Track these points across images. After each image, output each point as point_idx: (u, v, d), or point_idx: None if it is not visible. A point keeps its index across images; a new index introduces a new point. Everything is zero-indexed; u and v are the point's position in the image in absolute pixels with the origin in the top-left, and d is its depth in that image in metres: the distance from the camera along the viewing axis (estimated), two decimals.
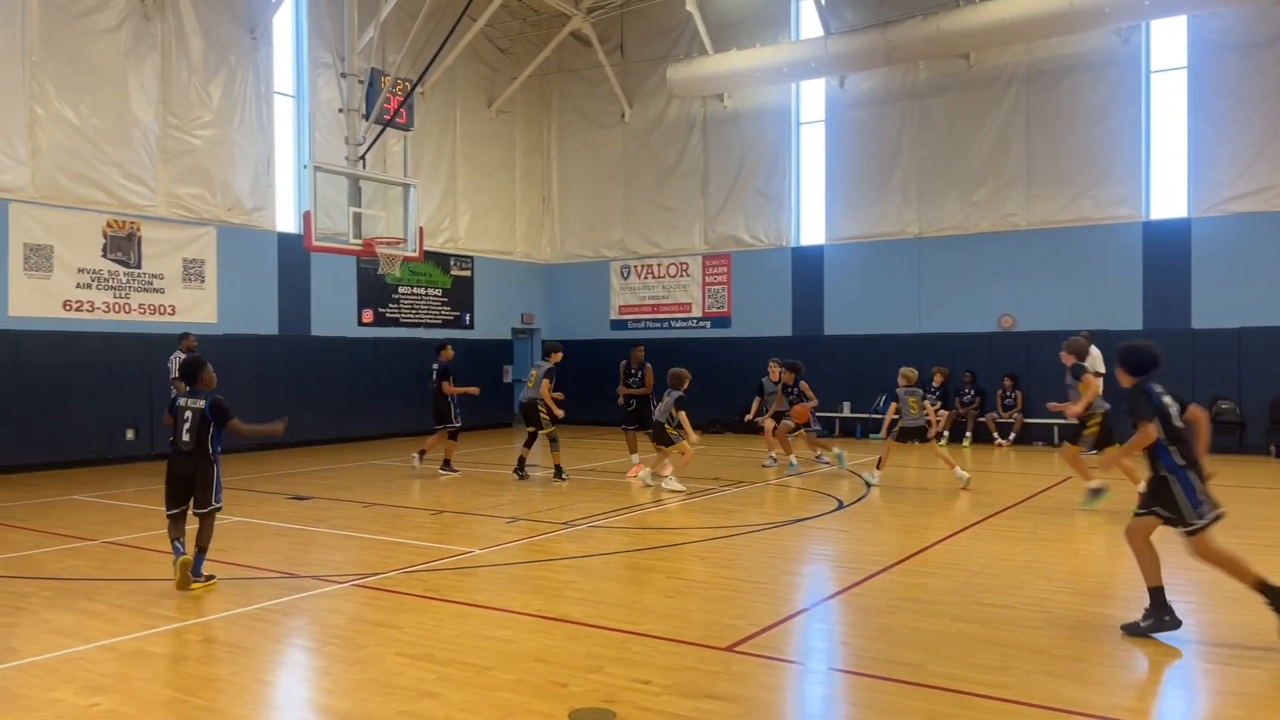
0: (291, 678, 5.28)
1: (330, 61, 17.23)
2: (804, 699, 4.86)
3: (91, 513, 10.22)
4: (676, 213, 21.19)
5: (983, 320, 17.69)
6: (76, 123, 14.31)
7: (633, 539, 8.63)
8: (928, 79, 18.22)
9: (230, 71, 16.28)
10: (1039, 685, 4.72)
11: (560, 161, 22.84)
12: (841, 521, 9.55)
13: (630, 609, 6.18)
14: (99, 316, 14.57)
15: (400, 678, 4.87)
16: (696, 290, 21.02)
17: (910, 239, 18.42)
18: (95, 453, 14.42)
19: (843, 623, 6.13)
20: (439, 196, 20.15)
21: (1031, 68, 17.22)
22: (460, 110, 20.62)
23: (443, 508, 10.36)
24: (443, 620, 5.93)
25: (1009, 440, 16.88)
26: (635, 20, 21.27)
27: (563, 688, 4.71)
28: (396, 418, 18.96)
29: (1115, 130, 16.58)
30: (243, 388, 16.05)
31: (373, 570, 7.33)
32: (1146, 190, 16.53)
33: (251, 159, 16.63)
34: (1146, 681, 5.06)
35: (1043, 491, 11.46)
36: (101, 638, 5.59)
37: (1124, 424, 6.44)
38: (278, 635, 5.81)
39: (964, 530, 8.85)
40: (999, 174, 17.55)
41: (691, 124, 20.91)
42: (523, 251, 22.49)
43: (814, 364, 19.21)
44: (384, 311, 19.11)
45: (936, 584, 6.80)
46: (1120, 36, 16.43)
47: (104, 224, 14.65)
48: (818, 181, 19.64)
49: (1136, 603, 6.51)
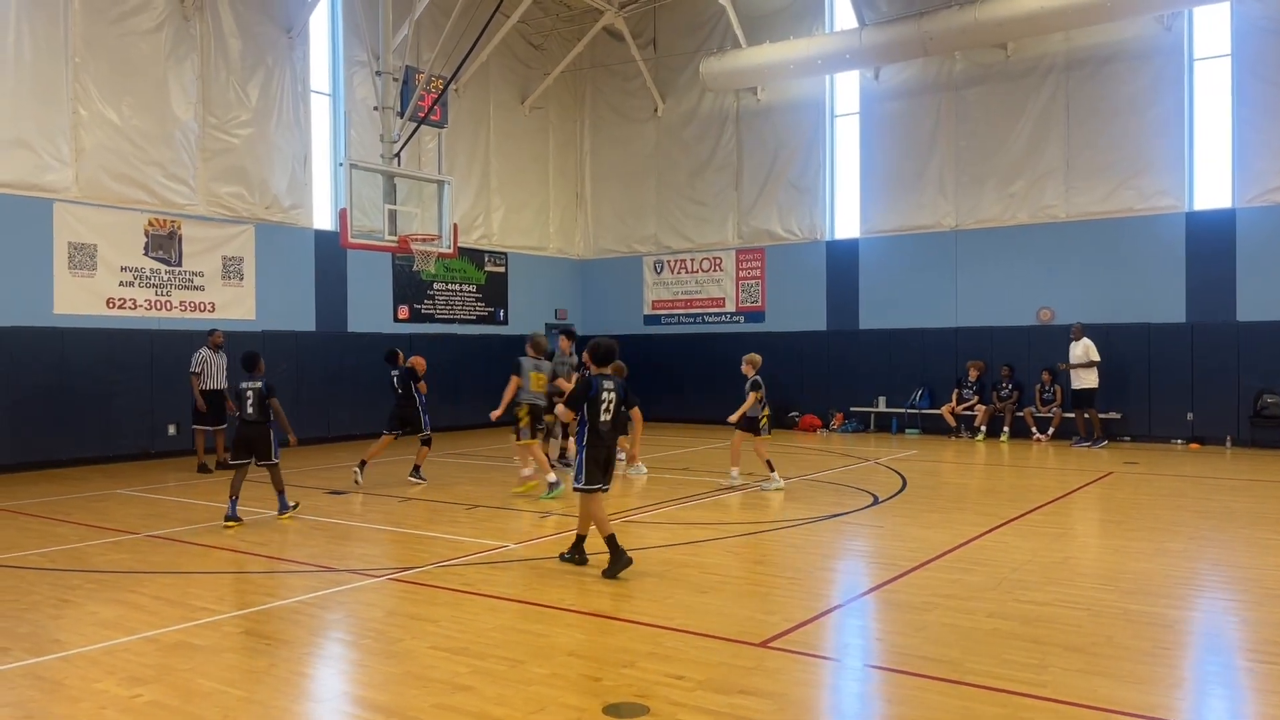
0: (329, 670, 5.35)
1: (366, 60, 17.36)
2: (839, 695, 4.84)
3: (134, 506, 10.42)
4: (709, 207, 21.13)
5: (1021, 313, 17.46)
6: (118, 123, 14.56)
7: (665, 534, 8.63)
8: (964, 69, 18.00)
9: (268, 71, 16.48)
10: (1077, 683, 4.66)
11: (593, 157, 22.87)
12: (876, 517, 9.48)
13: (663, 604, 6.19)
14: (141, 314, 14.83)
15: (435, 671, 4.91)
16: (730, 285, 20.96)
17: (946, 231, 18.22)
18: (138, 448, 14.69)
19: (878, 619, 6.09)
20: (473, 193, 20.25)
21: (1071, 57, 16.94)
22: (494, 107, 20.71)
23: (477, 503, 10.43)
24: (477, 614, 5.97)
25: (1048, 435, 16.66)
26: (668, 14, 21.22)
27: (596, 682, 4.72)
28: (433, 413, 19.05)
29: (1157, 120, 16.26)
30: (280, 383, 16.23)
31: (408, 564, 7.41)
32: (1190, 180, 16.20)
33: (288, 157, 16.82)
34: (1188, 680, 4.97)
35: (1082, 487, 11.30)
36: (144, 629, 5.69)
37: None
38: (315, 628, 5.88)
39: (1001, 526, 8.76)
40: (1037, 165, 17.30)
41: (724, 118, 20.83)
42: (556, 247, 22.55)
43: (849, 359, 19.16)
44: (419, 308, 19.26)
45: (973, 580, 6.73)
46: (1162, 24, 16.11)
47: (145, 223, 14.90)
48: (852, 174, 19.48)
49: (1177, 599, 6.42)
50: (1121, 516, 9.44)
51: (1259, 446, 15.02)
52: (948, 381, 17.88)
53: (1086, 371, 15.78)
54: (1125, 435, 16.35)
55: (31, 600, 6.42)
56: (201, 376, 13.33)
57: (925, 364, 18.27)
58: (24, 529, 9.14)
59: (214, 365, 13.45)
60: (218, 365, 13.49)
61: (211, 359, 13.43)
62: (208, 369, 13.38)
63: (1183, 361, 15.99)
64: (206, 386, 13.32)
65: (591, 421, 7.03)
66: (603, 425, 7.09)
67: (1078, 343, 15.94)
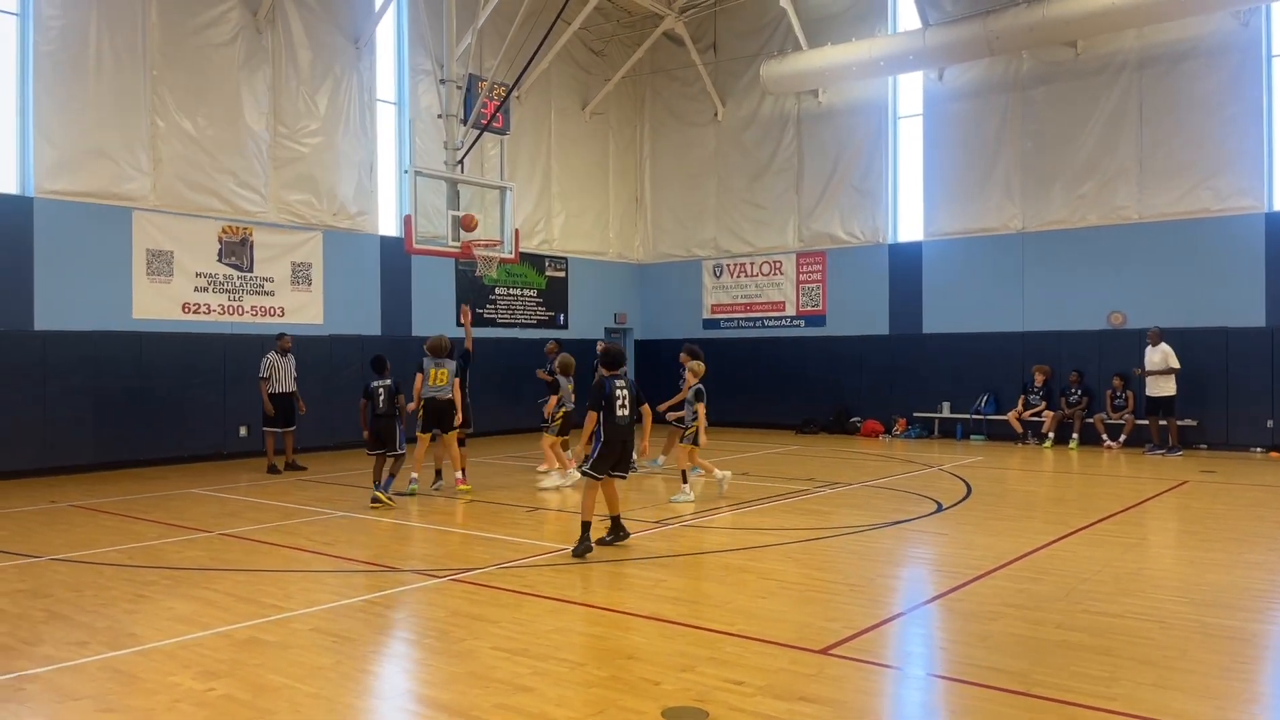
0: (393, 668, 5.44)
1: (430, 69, 17.67)
2: (901, 704, 4.77)
3: (208, 505, 10.73)
4: (769, 211, 21.02)
5: (1091, 318, 17.02)
6: (194, 133, 15.02)
7: (725, 539, 8.60)
8: (1031, 69, 17.63)
9: (336, 81, 16.86)
10: (1149, 697, 4.53)
11: (653, 161, 22.91)
12: (940, 524, 9.33)
13: (723, 609, 6.17)
14: (215, 318, 15.27)
15: (497, 671, 4.97)
16: (790, 289, 20.82)
17: (1013, 234, 17.86)
18: (211, 448, 15.12)
19: (941, 628, 5.99)
20: (534, 198, 20.45)
21: (1143, 54, 16.49)
22: (555, 113, 20.89)
23: (537, 505, 10.52)
24: (538, 616, 6.02)
25: (1119, 442, 16.21)
26: (728, 18, 21.18)
27: (655, 685, 4.73)
28: (494, 416, 19.31)
29: (1234, 118, 15.74)
30: (347, 386, 16.62)
31: (470, 565, 7.50)
32: (1269, 180, 15.64)
33: (355, 165, 17.18)
34: (1265, 696, 4.80)
35: (1155, 496, 10.97)
36: (217, 625, 5.86)
37: None
38: (380, 626, 5.99)
39: (1070, 535, 8.55)
40: (1108, 166, 16.86)
41: (785, 121, 20.71)
42: (616, 252, 22.65)
43: (912, 363, 18.90)
44: (482, 312, 19.50)
45: (1041, 590, 6.58)
46: (1239, 19, 15.58)
47: (219, 230, 15.34)
48: (915, 177, 19.21)
49: (1256, 612, 6.20)
50: (1197, 526, 9.14)
51: None
52: (1014, 387, 17.52)
53: (1164, 378, 15.24)
54: (1202, 443, 15.84)
55: (110, 596, 6.65)
56: (270, 381, 13.59)
57: (991, 369, 17.92)
58: (103, 526, 9.47)
59: (282, 369, 13.70)
60: (285, 369, 13.74)
61: (279, 363, 13.68)
62: (276, 373, 13.64)
63: (1262, 367, 15.43)
64: (275, 390, 13.59)
65: (607, 417, 7.74)
66: (619, 419, 7.82)
67: (1155, 348, 15.37)
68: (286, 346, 13.75)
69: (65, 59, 13.66)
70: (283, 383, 13.68)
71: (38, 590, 6.82)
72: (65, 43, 13.67)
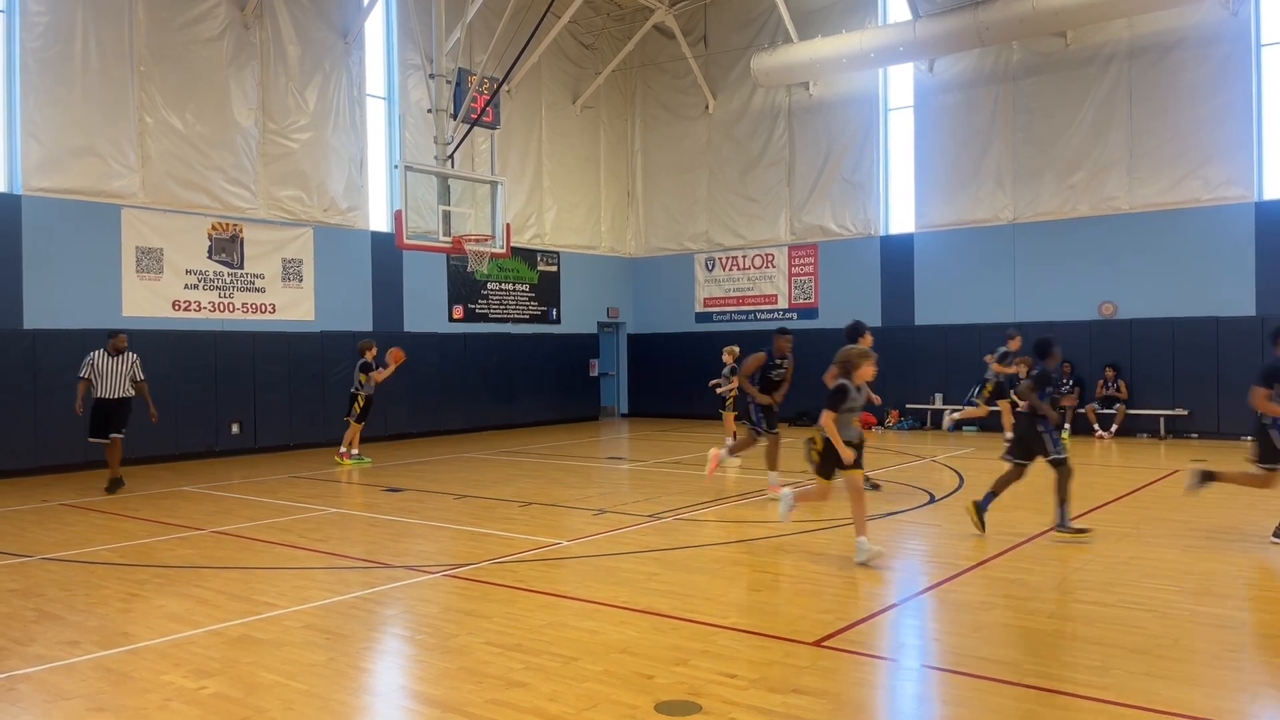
0: (386, 665, 5.44)
1: (419, 63, 17.61)
2: (894, 696, 4.78)
3: (200, 503, 10.70)
4: (761, 203, 21.01)
5: (1082, 308, 17.07)
6: (182, 130, 14.95)
7: (719, 532, 8.61)
8: (1022, 59, 17.64)
9: (325, 76, 16.79)
10: (1141, 686, 4.55)
11: (644, 155, 22.88)
12: (933, 516, 9.35)
13: (716, 602, 6.17)
14: (205, 315, 15.22)
15: (490, 667, 4.97)
16: (782, 281, 20.82)
17: (1004, 225, 17.89)
18: (203, 445, 15.08)
19: (935, 619, 6.00)
20: (525, 193, 20.41)
21: (1133, 44, 16.51)
22: (545, 107, 20.84)
23: (530, 500, 10.52)
24: (530, 611, 6.02)
25: (1110, 432, 16.27)
26: (718, 11, 21.14)
27: (649, 679, 4.73)
28: (487, 411, 19.33)
29: (1224, 107, 15.77)
30: (338, 382, 16.59)
31: (463, 561, 7.49)
32: (1259, 169, 15.68)
33: (345, 161, 17.12)
34: (1257, 684, 4.82)
35: (1146, 486, 11.01)
36: (209, 623, 5.84)
37: None
38: (373, 623, 5.98)
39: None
40: (1099, 156, 16.89)
41: (776, 113, 20.69)
42: (608, 246, 22.63)
43: (904, 355, 18.91)
44: (473, 307, 19.48)
45: (1033, 580, 6.60)
46: (1228, 9, 15.61)
47: (209, 226, 15.28)
48: (906, 168, 19.23)
49: (1246, 601, 6.23)
50: (1189, 515, 9.18)
51: None
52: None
53: None
54: (1192, 432, 15.90)
55: (101, 595, 6.63)
56: (90, 382, 11.41)
57: (983, 360, 17.91)
58: (94, 525, 9.44)
59: (110, 371, 11.40)
60: (115, 371, 11.43)
61: (105, 364, 11.39)
62: (98, 375, 11.37)
63: (1253, 356, 15.44)
64: (102, 394, 11.37)
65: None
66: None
67: None
68: (121, 346, 11.52)
69: (52, 56, 13.58)
70: (109, 387, 11.41)
71: (29, 590, 6.79)
72: (52, 40, 13.58)
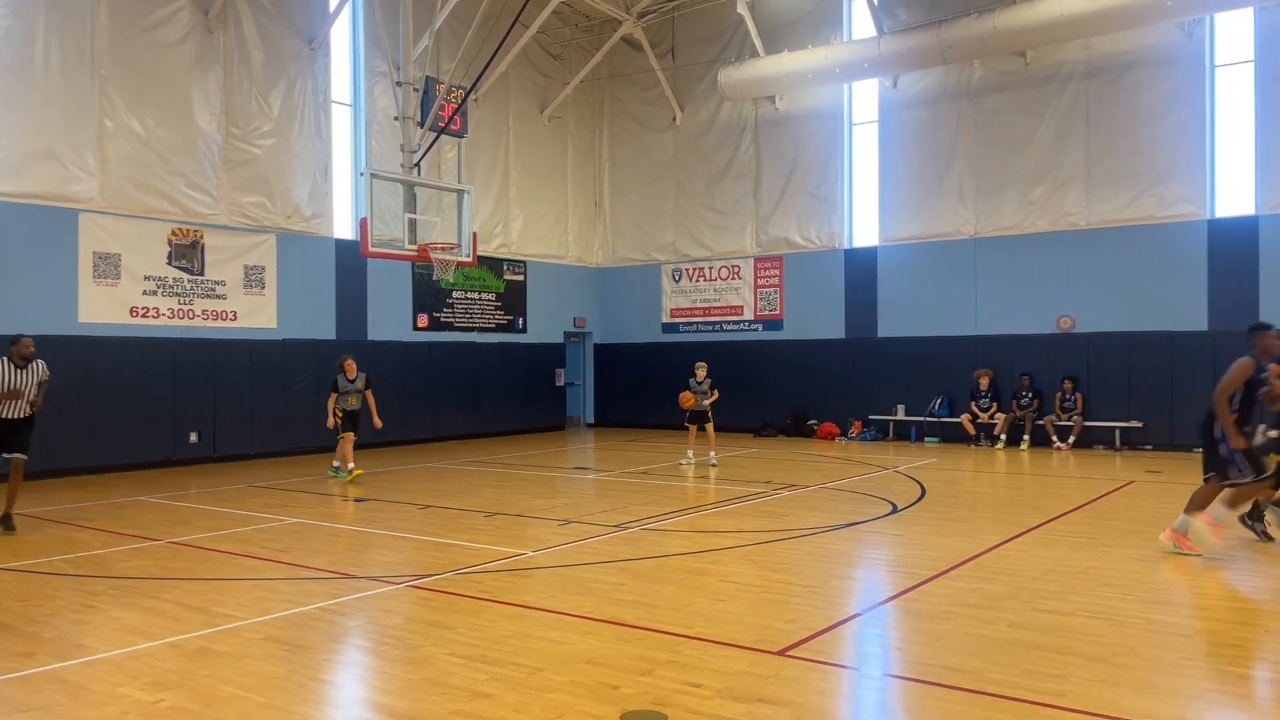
0: (348, 676, 5.38)
1: (386, 70, 17.53)
2: (857, 704, 4.82)
3: (157, 513, 10.52)
4: (728, 215, 21.14)
5: (1041, 322, 17.35)
6: (143, 134, 14.75)
7: (685, 542, 8.63)
8: (983, 77, 17.95)
9: (289, 82, 16.65)
10: (1099, 694, 4.62)
11: (612, 166, 22.94)
12: (895, 526, 9.44)
13: (682, 612, 6.18)
14: (164, 322, 14.99)
15: (454, 678, 4.93)
16: (748, 293, 20.95)
17: (966, 239, 18.15)
18: (160, 455, 14.83)
19: (897, 628, 6.06)
20: (492, 202, 20.37)
21: (1091, 64, 16.85)
22: (513, 116, 20.83)
23: (496, 510, 10.47)
24: (496, 621, 5.99)
25: (1068, 444, 16.53)
26: (686, 24, 21.28)
27: (614, 690, 4.73)
28: (452, 420, 19.22)
29: (1178, 127, 16.15)
30: (301, 391, 16.40)
31: (427, 571, 7.44)
32: (1211, 188, 16.08)
33: (310, 167, 16.98)
34: (1210, 691, 4.92)
35: (1103, 496, 11.21)
36: (167, 635, 5.75)
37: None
38: (335, 634, 5.92)
39: (1021, 535, 8.70)
40: (1057, 173, 17.21)
41: (743, 126, 20.85)
42: (575, 255, 22.63)
43: (868, 367, 19.11)
44: (439, 316, 19.37)
45: (993, 589, 6.69)
46: (1183, 30, 16.00)
47: (169, 232, 15.07)
48: (871, 182, 19.45)
49: (1200, 609, 6.37)
50: (1144, 526, 9.34)
51: None
52: (967, 389, 17.80)
53: None
54: (1146, 444, 16.21)
55: (56, 605, 6.50)
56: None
57: (945, 372, 18.18)
58: (50, 535, 9.25)
59: (16, 383, 9.37)
60: (22, 384, 9.40)
61: (13, 375, 9.36)
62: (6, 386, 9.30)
63: (1205, 370, 15.77)
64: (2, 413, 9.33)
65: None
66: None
67: None
68: (27, 354, 9.42)
69: (12, 59, 13.34)
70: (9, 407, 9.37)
71: None
72: (12, 43, 13.35)
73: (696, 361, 15.18)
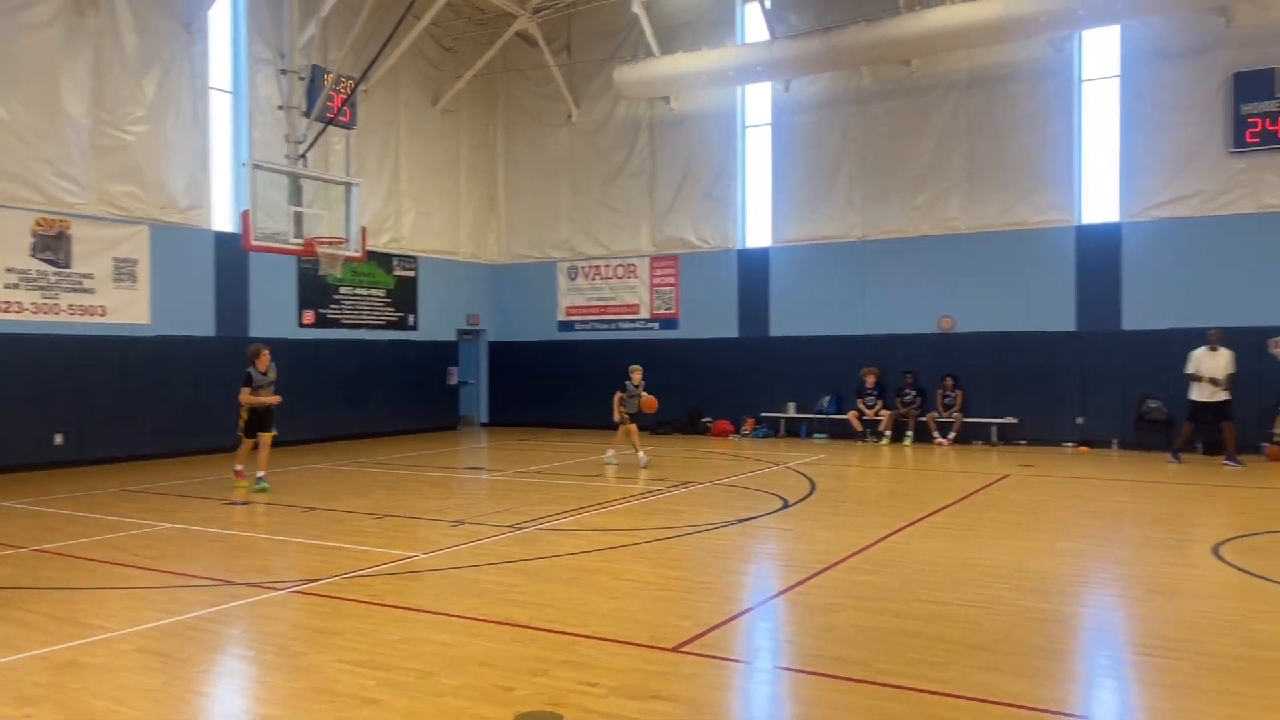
0: (228, 687, 5.17)
1: (270, 58, 16.93)
2: (750, 698, 4.89)
3: (19, 520, 9.89)
4: (624, 214, 21.19)
5: (924, 322, 17.98)
6: (6, 118, 13.83)
7: (580, 541, 8.61)
8: (871, 84, 18.47)
9: (165, 67, 15.88)
10: (978, 679, 4.81)
11: (507, 161, 22.71)
12: (786, 520, 9.64)
13: (576, 611, 6.16)
14: (27, 318, 14.10)
15: (341, 685, 4.79)
16: (644, 292, 21.05)
17: (854, 242, 18.65)
18: (23, 458, 13.94)
19: (788, 621, 6.18)
20: (383, 196, 19.89)
21: (971, 75, 17.55)
22: (404, 108, 20.39)
23: (385, 512, 10.23)
24: (384, 626, 5.85)
25: (949, 439, 17.19)
26: (582, 21, 21.23)
27: (508, 691, 4.67)
28: (340, 420, 18.68)
29: (1050, 137, 16.98)
30: (178, 390, 15.71)
31: (313, 576, 7.21)
32: (1079, 196, 16.96)
33: (187, 156, 16.24)
34: (1080, 673, 5.19)
35: (981, 489, 11.69)
36: (33, 647, 5.41)
37: None
38: (213, 644, 5.68)
39: (906, 528, 8.99)
40: (940, 179, 17.86)
41: (639, 125, 20.93)
42: (468, 252, 22.31)
43: (760, 365, 19.45)
44: (326, 313, 18.80)
45: (880, 581, 6.89)
46: (1054, 46, 16.82)
47: (33, 222, 14.18)
48: (764, 184, 19.79)
49: (1074, 598, 6.70)
50: (1019, 517, 9.79)
51: (1143, 449, 15.78)
52: (854, 387, 18.31)
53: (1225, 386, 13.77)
54: (1020, 439, 16.99)
55: None
56: None
57: (833, 370, 18.65)
58: None
59: None
60: None
61: None
62: None
63: (1073, 368, 16.71)
64: None
65: None
66: None
67: (1217, 352, 13.90)
68: None
69: None
70: None
71: None
72: None
73: (631, 365, 14.55)
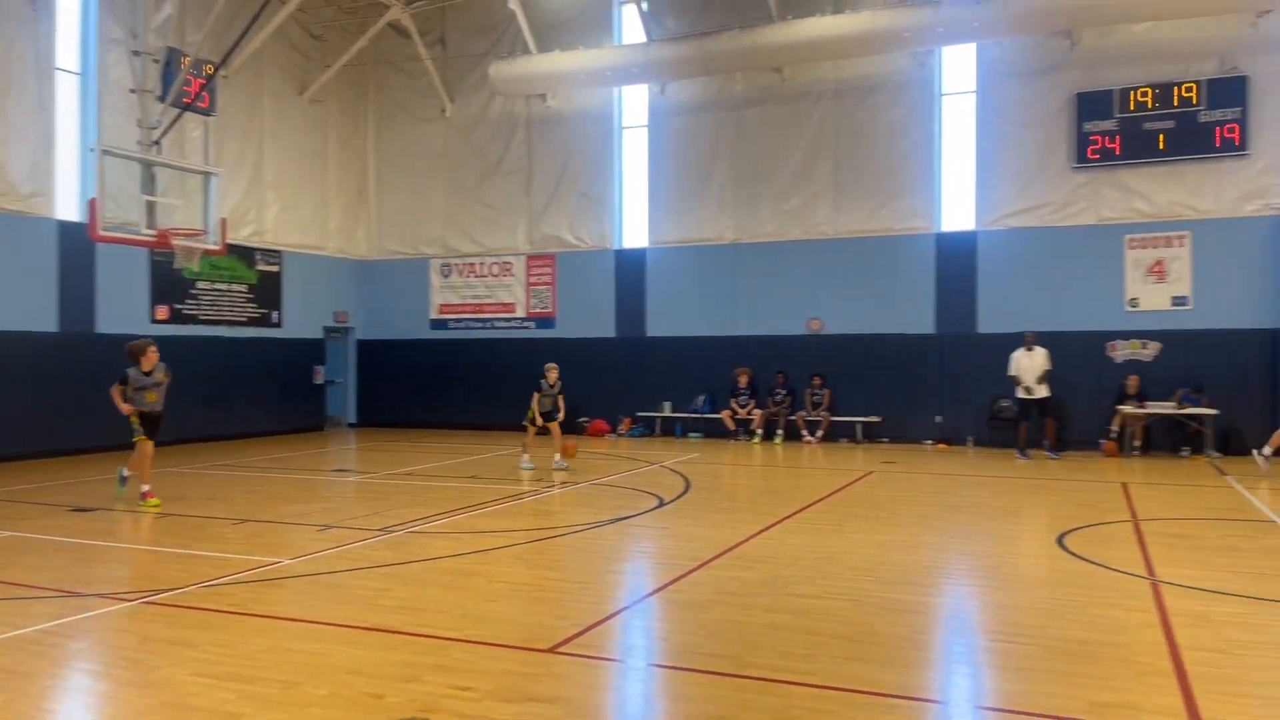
0: (75, 704, 4.84)
1: (122, 38, 15.96)
2: (624, 696, 4.91)
3: None
4: (500, 211, 20.96)
5: (794, 323, 18.48)
6: None
7: (453, 543, 8.46)
8: (744, 90, 18.86)
9: (6, 45, 14.77)
10: (844, 669, 4.98)
11: (378, 154, 22.12)
12: (661, 519, 9.73)
13: (450, 615, 6.05)
14: None
15: (198, 699, 4.56)
16: (520, 290, 20.87)
17: (727, 244, 19.00)
18: None
19: (662, 619, 6.24)
20: (244, 186, 19.05)
21: (839, 85, 18.14)
22: (269, 97, 19.58)
23: (246, 517, 9.80)
24: (246, 636, 5.60)
25: (817, 437, 17.72)
26: (457, 15, 20.88)
27: (379, 699, 4.55)
28: (196, 421, 17.78)
29: (912, 147, 17.73)
30: (17, 389, 14.67)
31: (166, 585, 6.83)
32: (939, 204, 17.77)
33: (29, 140, 15.15)
34: (938, 661, 5.43)
35: (847, 486, 12.09)
36: None
37: None
38: (59, 659, 5.31)
39: (776, 524, 9.21)
40: (809, 184, 18.39)
41: (515, 122, 20.74)
42: (336, 246, 21.61)
43: (636, 364, 19.58)
44: (181, 308, 17.87)
45: (751, 577, 7.04)
46: (916, 60, 17.58)
47: None
48: (640, 185, 19.93)
49: (933, 589, 7.01)
50: (882, 512, 10.18)
51: (995, 446, 16.66)
52: (728, 387, 18.65)
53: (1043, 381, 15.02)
54: (883, 437, 17.67)
55: None
56: None
57: (707, 370, 18.95)
58: None
59: None
60: None
61: None
62: None
63: (932, 369, 17.49)
64: None
65: None
66: None
67: (1032, 352, 15.11)
68: None
69: None
70: None
71: None
72: None
73: (546, 364, 13.99)
